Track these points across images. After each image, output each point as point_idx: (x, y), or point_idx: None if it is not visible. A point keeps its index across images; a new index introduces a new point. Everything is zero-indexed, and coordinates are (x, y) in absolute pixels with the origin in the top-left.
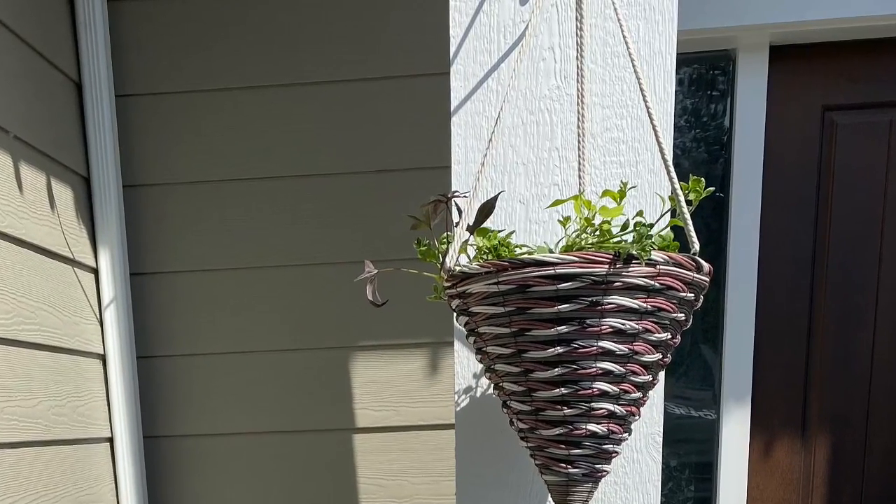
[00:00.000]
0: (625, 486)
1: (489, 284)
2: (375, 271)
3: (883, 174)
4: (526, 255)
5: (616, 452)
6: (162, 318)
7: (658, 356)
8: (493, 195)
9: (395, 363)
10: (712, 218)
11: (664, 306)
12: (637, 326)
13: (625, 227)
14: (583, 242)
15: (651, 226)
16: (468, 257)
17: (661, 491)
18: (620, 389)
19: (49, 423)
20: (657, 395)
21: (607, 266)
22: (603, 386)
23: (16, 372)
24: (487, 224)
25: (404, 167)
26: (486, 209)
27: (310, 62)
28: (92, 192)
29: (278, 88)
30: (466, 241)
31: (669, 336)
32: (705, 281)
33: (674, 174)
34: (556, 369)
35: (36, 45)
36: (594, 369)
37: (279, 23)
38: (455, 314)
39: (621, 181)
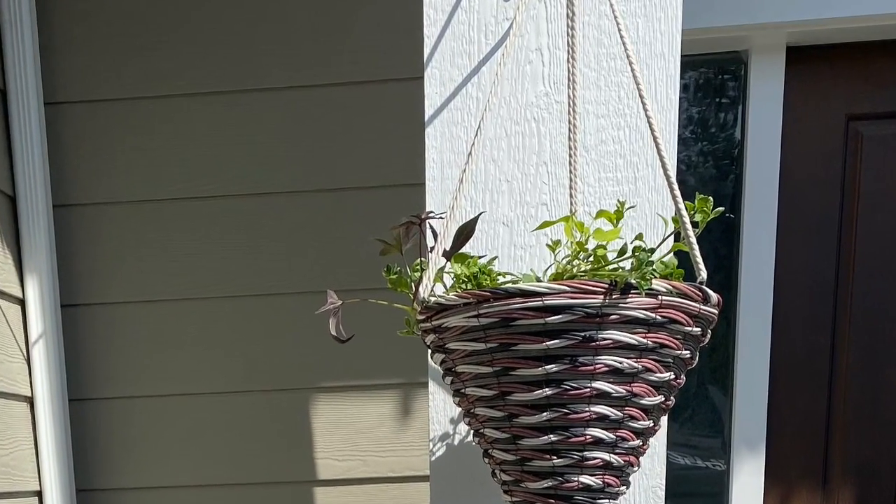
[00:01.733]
0: None
1: (468, 317)
2: (340, 302)
3: None
4: (510, 285)
5: None
6: (98, 356)
7: (660, 399)
8: (472, 216)
9: (362, 407)
10: (721, 242)
11: (667, 342)
12: (636, 365)
13: (622, 252)
14: (574, 270)
15: (652, 251)
16: (444, 287)
17: None
18: (617, 436)
19: None
20: (659, 442)
21: (602, 296)
22: (597, 432)
23: None
24: (466, 249)
25: (373, 184)
26: (465, 232)
27: (267, 65)
28: (18, 213)
29: (230, 95)
30: (443, 268)
31: (673, 376)
32: (713, 313)
33: (678, 193)
34: (545, 414)
35: None
36: (587, 414)
37: (232, 21)
38: (430, 351)
39: (618, 200)
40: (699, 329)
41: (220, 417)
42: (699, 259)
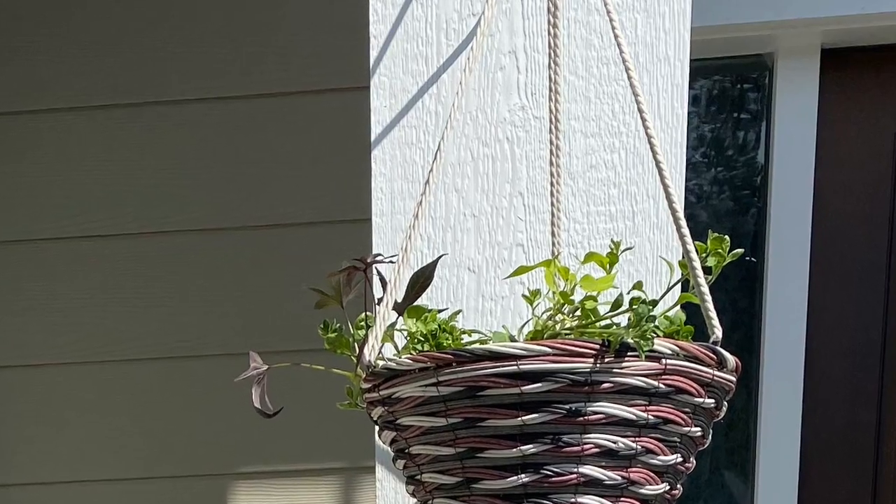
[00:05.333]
0: None
1: (425, 386)
2: (265, 367)
3: None
4: (477, 345)
5: None
6: None
7: (664, 487)
8: (430, 260)
9: (294, 497)
10: (741, 292)
11: (672, 417)
12: (634, 445)
13: (617, 304)
14: (558, 327)
15: (654, 303)
16: (395, 348)
17: None
18: None
19: None
20: None
21: (592, 360)
22: None
23: None
24: (422, 301)
25: (305, 220)
26: (421, 280)
27: (173, 72)
28: None
29: (128, 109)
30: (393, 324)
31: (680, 458)
32: (730, 381)
33: (686, 231)
34: None
35: None
36: None
37: (128, 18)
38: (377, 428)
39: (612, 240)
40: (713, 400)
41: None
42: (713, 313)
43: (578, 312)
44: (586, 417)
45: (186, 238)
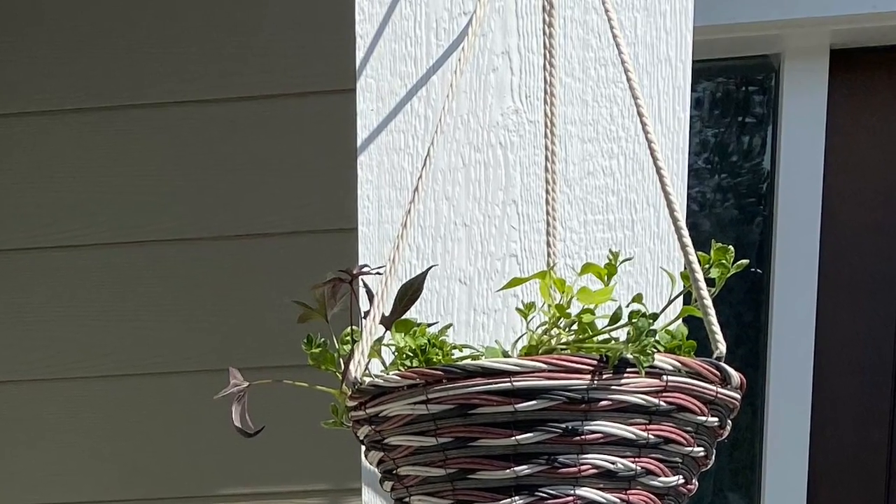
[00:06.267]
0: None
1: (414, 404)
2: (245, 384)
3: None
4: (469, 361)
5: None
6: None
7: None
8: (419, 271)
9: None
10: (745, 305)
11: (674, 436)
12: (634, 466)
13: (615, 318)
14: (553, 342)
15: (655, 317)
16: (383, 363)
17: None
18: None
19: None
20: None
21: (589, 376)
22: None
23: None
24: (411, 314)
25: (287, 230)
26: (410, 292)
27: (149, 74)
28: None
29: (101, 113)
30: (380, 339)
31: (682, 480)
32: (735, 399)
33: (688, 240)
34: None
35: None
36: None
37: (102, 17)
38: (364, 448)
39: (610, 250)
40: (716, 419)
41: None
42: (716, 327)
43: (575, 326)
44: (583, 437)
45: (163, 248)
